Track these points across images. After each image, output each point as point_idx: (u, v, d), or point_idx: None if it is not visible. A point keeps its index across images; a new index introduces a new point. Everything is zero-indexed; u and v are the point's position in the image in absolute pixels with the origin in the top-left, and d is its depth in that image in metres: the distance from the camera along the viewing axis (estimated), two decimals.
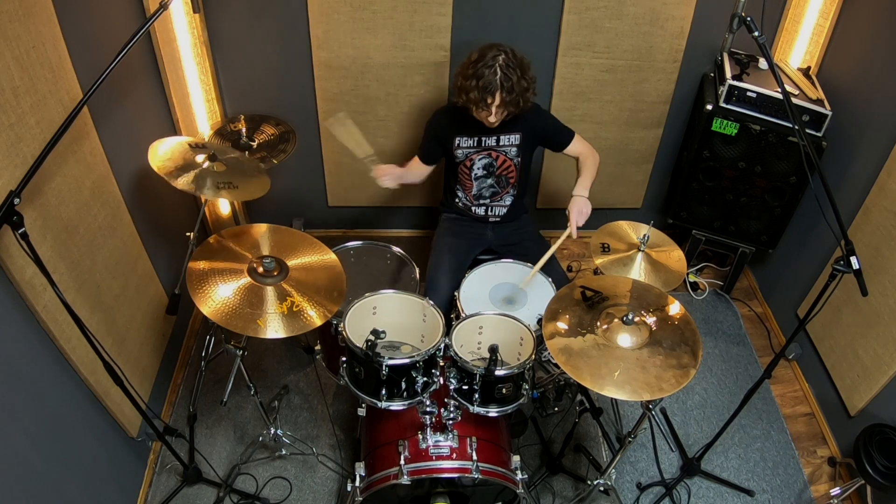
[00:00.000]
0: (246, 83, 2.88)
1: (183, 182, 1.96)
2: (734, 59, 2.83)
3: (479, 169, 2.50)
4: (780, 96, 2.58)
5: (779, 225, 2.95)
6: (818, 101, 2.60)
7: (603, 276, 2.07)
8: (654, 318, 1.78)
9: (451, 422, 1.87)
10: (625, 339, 1.71)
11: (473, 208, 2.61)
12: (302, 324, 1.72)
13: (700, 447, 2.48)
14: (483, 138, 2.42)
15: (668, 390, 1.61)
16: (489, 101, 2.17)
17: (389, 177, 2.39)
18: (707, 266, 3.50)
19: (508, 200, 2.60)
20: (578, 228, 2.31)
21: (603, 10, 2.71)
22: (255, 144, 2.58)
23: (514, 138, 2.43)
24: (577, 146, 2.51)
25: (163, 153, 2.03)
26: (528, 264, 2.40)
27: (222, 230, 1.94)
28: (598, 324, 1.75)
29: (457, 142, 2.44)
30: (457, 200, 2.63)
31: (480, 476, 1.86)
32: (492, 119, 2.24)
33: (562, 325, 1.75)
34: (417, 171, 2.55)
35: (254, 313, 1.70)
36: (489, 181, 2.53)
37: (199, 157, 2.07)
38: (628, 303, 1.83)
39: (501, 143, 2.44)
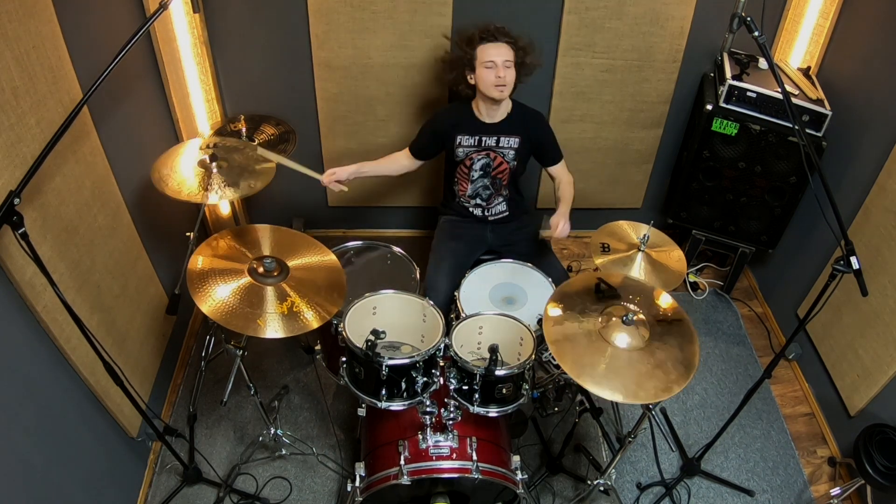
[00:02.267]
0: (246, 83, 2.88)
1: (189, 193, 1.97)
2: (734, 59, 2.83)
3: (477, 169, 2.51)
4: (780, 96, 2.58)
5: (779, 225, 2.95)
6: (818, 101, 2.60)
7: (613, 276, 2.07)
8: (654, 318, 1.78)
9: (451, 422, 1.87)
10: (623, 339, 1.71)
11: (471, 209, 2.62)
12: (302, 324, 1.72)
13: (700, 447, 2.48)
14: (483, 138, 2.43)
15: (664, 395, 1.61)
16: (496, 37, 2.24)
17: (335, 179, 2.35)
18: (707, 266, 3.50)
19: (501, 200, 2.60)
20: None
21: (603, 10, 2.71)
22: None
23: (514, 141, 2.44)
24: (561, 169, 2.56)
25: (174, 179, 2.04)
26: (528, 264, 2.40)
27: (222, 230, 1.94)
28: (598, 323, 1.75)
29: (458, 140, 2.44)
30: (456, 201, 2.64)
31: (480, 476, 1.86)
32: (501, 73, 2.25)
33: (560, 313, 1.75)
34: (398, 163, 2.55)
35: (254, 313, 1.70)
36: (485, 181, 2.54)
37: (202, 157, 2.07)
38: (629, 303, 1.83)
39: (501, 144, 2.44)
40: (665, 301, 1.84)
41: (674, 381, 1.64)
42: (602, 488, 2.21)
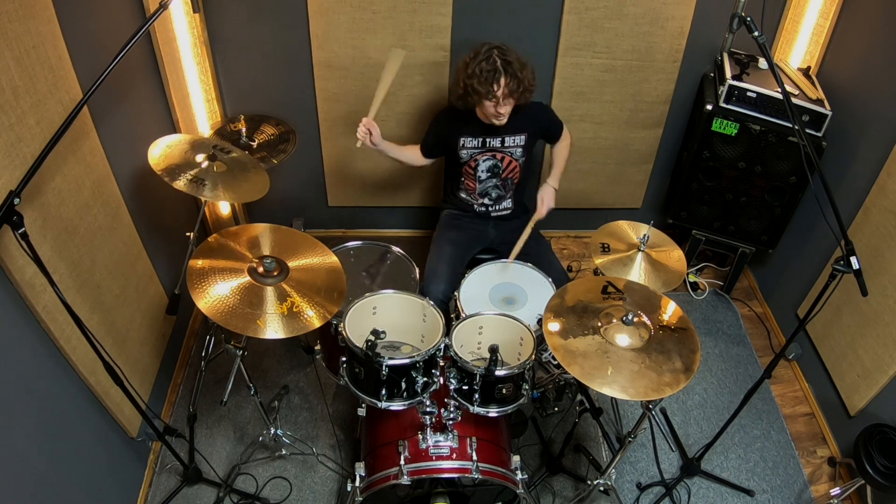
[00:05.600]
0: (246, 83, 2.88)
1: (181, 183, 1.97)
2: (734, 59, 2.83)
3: (483, 171, 2.50)
4: (780, 96, 2.58)
5: (779, 225, 2.95)
6: (818, 101, 2.60)
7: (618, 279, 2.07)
8: (654, 319, 1.78)
9: (451, 422, 1.87)
10: (624, 339, 1.71)
11: (476, 206, 2.62)
12: (302, 324, 1.72)
13: (700, 447, 2.48)
14: (488, 139, 2.43)
15: (667, 391, 1.61)
16: (495, 88, 2.18)
17: (366, 137, 2.35)
18: (707, 266, 3.50)
19: (510, 202, 2.61)
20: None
21: (603, 10, 2.71)
22: (255, 144, 2.58)
23: (520, 139, 2.44)
24: (563, 136, 2.62)
25: (162, 151, 2.04)
26: (528, 264, 2.40)
27: (222, 230, 1.94)
28: (599, 324, 1.75)
29: (462, 142, 2.44)
30: (459, 197, 2.64)
31: (480, 476, 1.86)
32: (501, 110, 2.25)
33: (559, 326, 1.75)
34: (414, 158, 2.60)
35: (254, 313, 1.70)
36: (494, 182, 2.54)
37: (199, 157, 2.07)
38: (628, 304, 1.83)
39: (507, 145, 2.44)
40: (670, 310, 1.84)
41: (686, 364, 1.65)
42: (602, 488, 2.21)
